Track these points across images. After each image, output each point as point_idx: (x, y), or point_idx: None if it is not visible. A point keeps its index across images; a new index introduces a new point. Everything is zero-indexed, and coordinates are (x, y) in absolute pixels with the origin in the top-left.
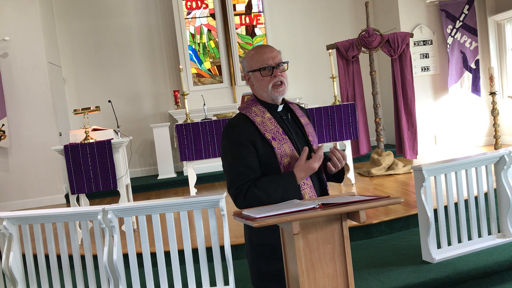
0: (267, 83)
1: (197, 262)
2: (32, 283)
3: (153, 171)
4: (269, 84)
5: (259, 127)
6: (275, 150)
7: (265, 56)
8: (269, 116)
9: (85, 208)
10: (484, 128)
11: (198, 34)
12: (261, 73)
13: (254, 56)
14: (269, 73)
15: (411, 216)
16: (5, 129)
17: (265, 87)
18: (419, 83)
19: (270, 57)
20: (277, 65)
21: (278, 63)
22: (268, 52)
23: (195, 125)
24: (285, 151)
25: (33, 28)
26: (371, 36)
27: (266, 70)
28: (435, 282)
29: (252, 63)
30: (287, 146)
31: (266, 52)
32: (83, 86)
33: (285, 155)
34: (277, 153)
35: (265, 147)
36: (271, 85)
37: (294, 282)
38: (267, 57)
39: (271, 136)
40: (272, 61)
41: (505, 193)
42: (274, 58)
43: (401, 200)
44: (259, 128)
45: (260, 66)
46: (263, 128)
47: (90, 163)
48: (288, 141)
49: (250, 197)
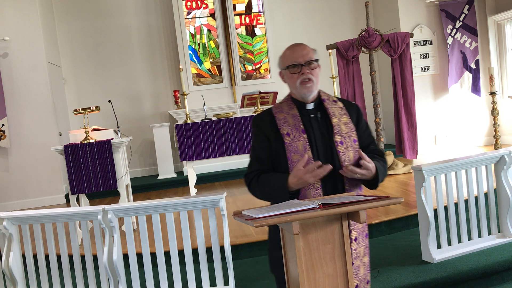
0: (296, 80)
1: (197, 262)
2: (32, 283)
3: (153, 171)
4: (297, 80)
5: (277, 121)
6: (286, 145)
7: (296, 54)
8: (295, 113)
9: (85, 208)
10: (484, 128)
11: (198, 34)
12: (290, 70)
13: (286, 54)
14: (297, 70)
15: (411, 216)
16: (5, 129)
17: (294, 84)
18: (419, 83)
19: (300, 55)
20: (307, 63)
21: (308, 60)
22: (299, 50)
23: (195, 125)
24: (296, 147)
25: (33, 28)
26: (371, 36)
27: (295, 68)
28: (435, 282)
29: (284, 61)
30: (301, 144)
31: (297, 50)
32: (83, 86)
33: (295, 151)
34: (287, 148)
35: (278, 141)
36: (299, 81)
37: (294, 282)
38: (297, 55)
39: (286, 132)
40: (302, 59)
41: (505, 193)
42: (304, 56)
43: (401, 200)
44: (277, 123)
45: (290, 63)
46: (281, 123)
47: (90, 163)
48: (304, 139)
49: (251, 187)
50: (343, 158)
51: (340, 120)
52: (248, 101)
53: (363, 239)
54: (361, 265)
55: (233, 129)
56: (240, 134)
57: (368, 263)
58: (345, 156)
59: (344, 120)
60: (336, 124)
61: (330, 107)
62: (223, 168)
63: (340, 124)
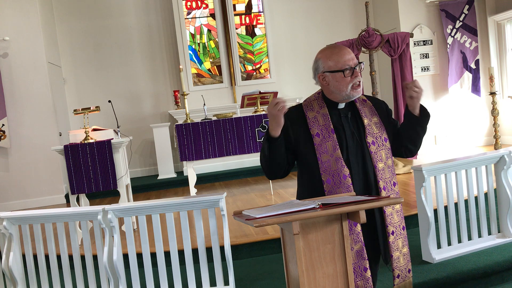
0: (347, 83)
1: (197, 262)
2: (32, 283)
3: (153, 171)
4: (349, 84)
5: (308, 121)
6: (315, 146)
7: (346, 57)
8: (325, 112)
9: (85, 208)
10: (484, 128)
11: (198, 34)
12: (344, 73)
13: (332, 57)
14: (350, 73)
15: (411, 216)
16: (5, 129)
17: (344, 87)
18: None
19: (350, 58)
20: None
21: (357, 63)
22: (347, 53)
23: (195, 125)
24: (326, 148)
25: (33, 28)
26: (371, 36)
27: (348, 71)
28: (435, 282)
29: (331, 63)
30: (330, 144)
31: (346, 53)
32: (83, 86)
33: (325, 152)
34: (316, 149)
35: (307, 141)
36: (351, 85)
37: (294, 282)
38: (348, 58)
39: (315, 132)
40: (352, 62)
41: (505, 193)
42: (353, 59)
43: (401, 200)
44: (308, 122)
45: (342, 67)
46: (312, 123)
47: (90, 163)
48: (334, 139)
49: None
50: (375, 158)
51: (371, 120)
52: (248, 101)
53: (401, 231)
54: (400, 255)
55: (233, 129)
56: (240, 134)
57: (408, 253)
58: (377, 155)
59: (375, 120)
60: (368, 124)
61: (362, 108)
62: (223, 168)
63: (371, 125)
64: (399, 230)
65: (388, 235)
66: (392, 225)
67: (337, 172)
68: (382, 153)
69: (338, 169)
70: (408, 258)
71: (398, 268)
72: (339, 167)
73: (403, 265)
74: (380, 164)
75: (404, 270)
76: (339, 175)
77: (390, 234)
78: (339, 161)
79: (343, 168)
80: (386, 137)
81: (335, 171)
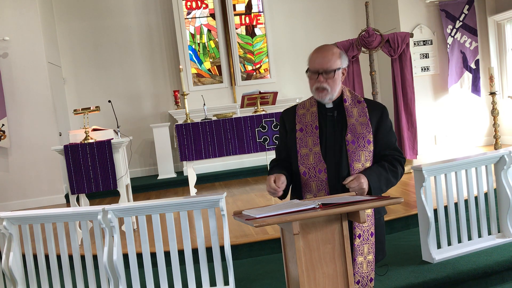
0: (312, 85)
1: (197, 262)
2: (32, 283)
3: (153, 171)
4: (313, 86)
5: (296, 117)
6: (297, 139)
7: (317, 60)
8: (314, 110)
9: (85, 208)
10: (484, 128)
11: (198, 34)
12: (308, 75)
13: (311, 57)
14: (314, 77)
15: (411, 216)
16: (5, 129)
17: (311, 87)
18: (419, 83)
19: (319, 62)
20: (324, 72)
21: (327, 70)
22: (321, 56)
23: (195, 125)
24: (306, 142)
25: (33, 28)
26: (371, 36)
27: (312, 74)
28: (435, 282)
29: (308, 62)
30: (311, 139)
31: (319, 56)
32: (83, 86)
33: (305, 145)
34: (297, 142)
35: (292, 134)
36: (314, 88)
37: (294, 282)
38: (318, 62)
39: (300, 127)
40: (320, 67)
41: (505, 193)
42: (323, 64)
43: (401, 200)
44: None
45: (309, 69)
46: (299, 119)
47: (90, 163)
48: (315, 135)
49: None
50: (351, 157)
51: (358, 120)
52: (248, 101)
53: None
54: (364, 262)
55: (233, 129)
56: (240, 134)
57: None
58: (355, 155)
59: (362, 120)
60: (352, 124)
61: (350, 108)
62: (223, 168)
63: (356, 125)
64: (367, 235)
65: (355, 237)
66: (360, 228)
67: (313, 166)
68: (361, 154)
69: (315, 163)
70: (372, 267)
71: (359, 274)
72: (316, 161)
73: (365, 272)
74: (357, 164)
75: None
76: (315, 169)
77: (356, 236)
78: (317, 155)
79: (320, 163)
80: (371, 140)
81: (311, 164)
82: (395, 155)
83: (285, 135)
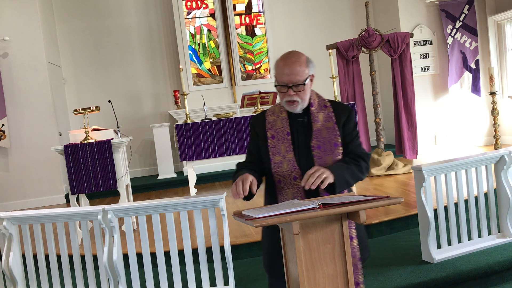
0: (282, 97)
1: (197, 262)
2: (32, 283)
3: (153, 171)
4: (283, 99)
5: (266, 124)
6: (269, 147)
7: (285, 71)
8: (284, 116)
9: (85, 208)
10: (484, 128)
11: (198, 34)
12: (277, 88)
13: (276, 68)
14: (284, 90)
15: (411, 216)
16: (5, 129)
17: (281, 99)
18: (419, 83)
19: (288, 73)
20: (294, 85)
21: (296, 83)
22: (288, 69)
23: (195, 125)
24: (279, 149)
25: (33, 28)
26: (371, 36)
27: (281, 87)
28: (435, 282)
29: (275, 72)
30: (283, 146)
31: (286, 68)
32: (83, 86)
33: (277, 153)
34: (270, 150)
35: (264, 142)
36: (284, 100)
37: (294, 282)
38: (286, 74)
39: (271, 135)
40: (289, 80)
41: (505, 193)
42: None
43: (401, 200)
44: (266, 125)
45: (278, 82)
46: (269, 126)
47: (90, 163)
48: (288, 142)
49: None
50: (318, 162)
51: (324, 125)
52: (248, 101)
53: None
54: None
55: (233, 129)
56: (240, 134)
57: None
58: (321, 160)
59: (328, 125)
60: (317, 129)
61: (316, 113)
62: (223, 168)
63: (322, 129)
64: None
65: None
66: None
67: (288, 173)
68: (328, 158)
69: (289, 170)
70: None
71: None
72: (290, 168)
73: None
74: None
75: None
76: (289, 176)
77: None
78: (291, 162)
79: (294, 170)
80: (338, 143)
81: (286, 172)
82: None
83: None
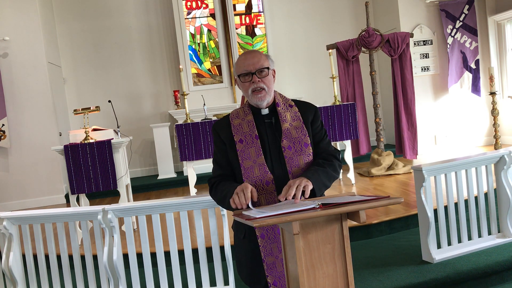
0: (247, 88)
1: (197, 262)
2: (32, 283)
3: (153, 171)
4: (249, 89)
5: (232, 128)
6: (238, 152)
7: (246, 62)
8: (250, 119)
9: (85, 208)
10: (484, 128)
11: (198, 34)
12: (241, 79)
13: (237, 62)
14: (248, 79)
15: (411, 216)
16: (5, 129)
17: (246, 92)
18: (419, 83)
19: (250, 63)
20: (257, 71)
21: (259, 69)
22: (250, 58)
23: (195, 125)
24: (249, 154)
25: (33, 28)
26: (371, 36)
27: (245, 76)
28: (435, 282)
29: (236, 68)
30: (253, 150)
31: (248, 58)
32: (83, 86)
33: (248, 158)
34: (239, 155)
35: (232, 148)
36: (250, 90)
37: (294, 282)
38: (247, 63)
39: (239, 139)
40: (252, 67)
41: (505, 193)
42: (255, 64)
43: (401, 200)
44: (232, 130)
45: (241, 72)
46: (235, 130)
47: (90, 163)
48: (257, 145)
49: (212, 193)
50: (289, 163)
51: (292, 124)
52: None
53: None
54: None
55: None
56: None
57: None
58: (293, 161)
59: (296, 124)
60: (286, 129)
61: (283, 112)
62: None
63: (291, 129)
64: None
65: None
66: None
67: (259, 178)
68: (300, 159)
69: (261, 175)
70: None
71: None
72: (262, 173)
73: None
74: (296, 169)
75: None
76: (261, 181)
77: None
78: (262, 167)
79: (267, 174)
80: (308, 143)
81: (258, 177)
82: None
83: (224, 148)
